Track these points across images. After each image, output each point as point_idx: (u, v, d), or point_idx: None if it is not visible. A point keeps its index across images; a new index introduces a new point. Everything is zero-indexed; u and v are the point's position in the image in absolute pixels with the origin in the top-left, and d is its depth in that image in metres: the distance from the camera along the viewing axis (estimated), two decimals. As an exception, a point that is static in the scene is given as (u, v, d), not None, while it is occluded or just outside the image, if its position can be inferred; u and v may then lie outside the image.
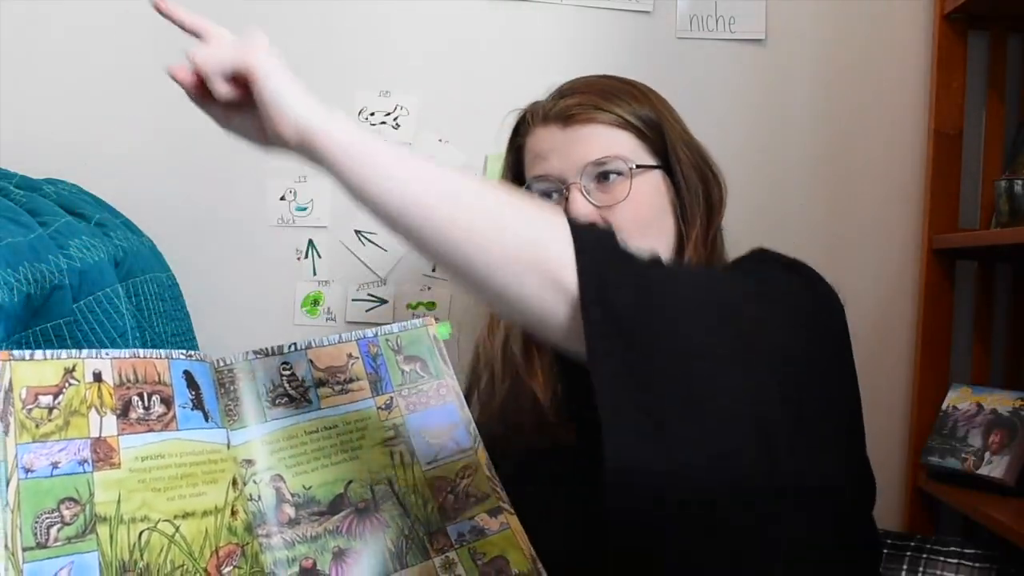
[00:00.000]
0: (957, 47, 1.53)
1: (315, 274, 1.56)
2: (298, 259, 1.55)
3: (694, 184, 1.04)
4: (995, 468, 1.34)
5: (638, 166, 1.01)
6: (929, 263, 1.54)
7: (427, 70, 1.54)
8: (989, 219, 1.52)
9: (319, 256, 1.55)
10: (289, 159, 0.84)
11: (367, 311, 1.56)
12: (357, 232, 1.55)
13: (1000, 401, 1.40)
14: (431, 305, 1.56)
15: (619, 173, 1.00)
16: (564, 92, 1.06)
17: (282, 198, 1.54)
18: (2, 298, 0.99)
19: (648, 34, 1.55)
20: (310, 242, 1.55)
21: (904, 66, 1.57)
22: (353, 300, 1.56)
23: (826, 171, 1.56)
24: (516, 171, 1.09)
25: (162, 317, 1.31)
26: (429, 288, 1.56)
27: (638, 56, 1.52)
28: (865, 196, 1.57)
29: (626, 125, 1.02)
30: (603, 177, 1.00)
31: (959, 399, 1.45)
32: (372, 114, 1.54)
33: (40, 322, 1.05)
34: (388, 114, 1.54)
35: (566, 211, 0.98)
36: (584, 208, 0.99)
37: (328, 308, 1.55)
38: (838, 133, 1.57)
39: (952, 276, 1.54)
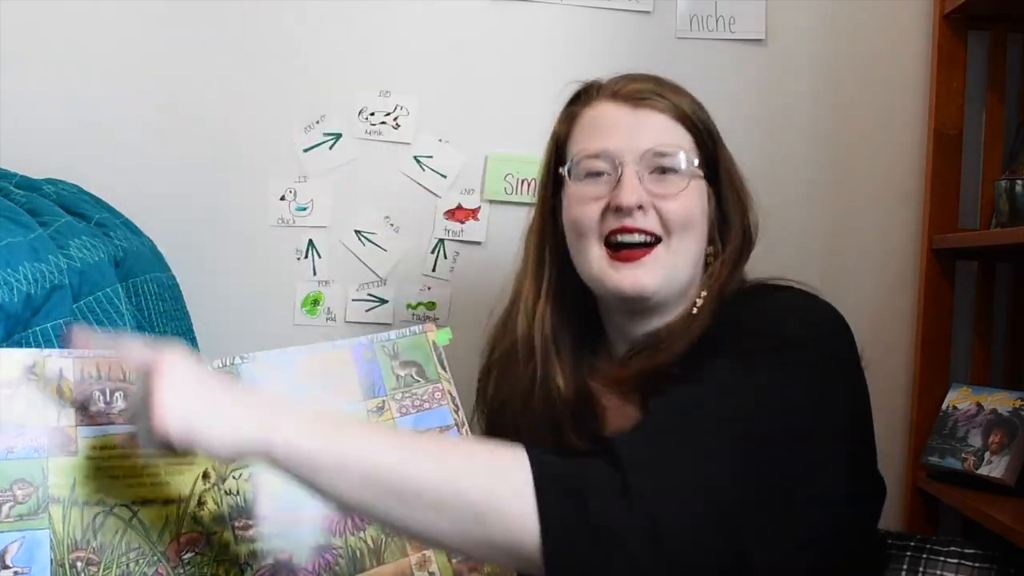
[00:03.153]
0: (957, 47, 1.53)
1: (315, 274, 1.56)
2: (298, 259, 1.55)
3: (734, 206, 1.03)
4: (995, 468, 1.34)
5: (696, 165, 1.00)
6: (929, 263, 1.54)
7: (427, 70, 1.55)
8: (989, 219, 1.52)
9: (319, 256, 1.55)
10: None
11: (367, 311, 1.56)
12: (357, 232, 1.55)
13: (1000, 401, 1.40)
14: (431, 305, 1.56)
15: (677, 169, 0.98)
16: (637, 77, 1.04)
17: (282, 198, 1.54)
18: (2, 298, 0.99)
19: (648, 34, 1.55)
20: (310, 242, 1.55)
21: (904, 66, 1.57)
22: (353, 300, 1.56)
23: (826, 171, 1.56)
24: (562, 140, 1.06)
25: (162, 317, 1.31)
26: (429, 288, 1.56)
27: (638, 56, 1.52)
28: (865, 196, 1.57)
29: (690, 125, 1.01)
30: (660, 169, 0.99)
31: (959, 399, 1.46)
32: (372, 114, 1.54)
33: (40, 322, 1.05)
34: (388, 114, 1.54)
35: (615, 194, 0.97)
36: (636, 191, 0.96)
37: (328, 308, 1.55)
38: (838, 133, 1.57)
39: (952, 276, 1.54)
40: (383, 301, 1.56)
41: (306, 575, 0.83)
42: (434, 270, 1.56)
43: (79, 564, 0.74)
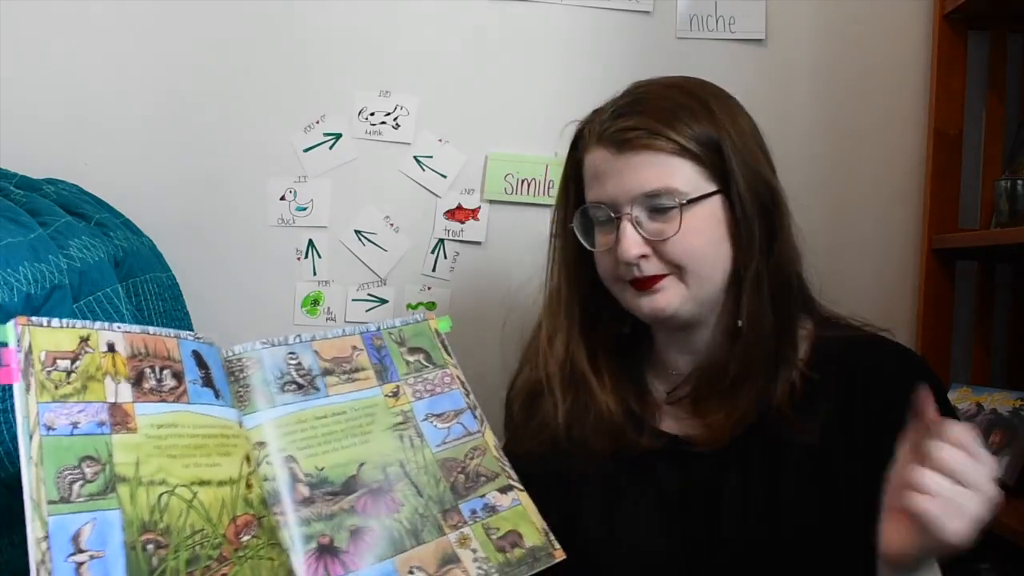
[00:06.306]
0: (957, 47, 1.53)
1: (315, 274, 1.56)
2: (298, 259, 1.55)
3: (751, 209, 0.97)
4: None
5: (689, 200, 0.95)
6: (929, 263, 1.54)
7: (427, 70, 1.55)
8: (989, 219, 1.52)
9: (319, 256, 1.55)
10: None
11: (367, 311, 1.56)
12: (357, 232, 1.55)
13: (1000, 401, 1.40)
14: (431, 305, 1.56)
15: (671, 207, 0.95)
16: (621, 110, 0.99)
17: (282, 198, 1.54)
18: (2, 298, 1.00)
19: (648, 34, 1.55)
20: (310, 242, 1.55)
21: (904, 66, 1.57)
22: (353, 300, 1.56)
23: (826, 171, 1.56)
24: (578, 185, 1.05)
25: (162, 317, 1.31)
26: (429, 288, 1.56)
27: (638, 56, 1.52)
28: (865, 196, 1.57)
29: (683, 152, 0.95)
30: (657, 208, 0.96)
31: (959, 399, 1.45)
32: (372, 114, 1.54)
33: (40, 322, 1.05)
34: (388, 114, 1.54)
35: (616, 248, 0.96)
36: (634, 242, 0.95)
37: (328, 308, 1.55)
38: (838, 133, 1.57)
39: (952, 276, 1.54)
40: (383, 301, 1.56)
41: (348, 558, 0.82)
42: (434, 270, 1.56)
43: (149, 547, 0.72)
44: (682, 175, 0.96)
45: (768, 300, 0.98)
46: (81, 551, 0.68)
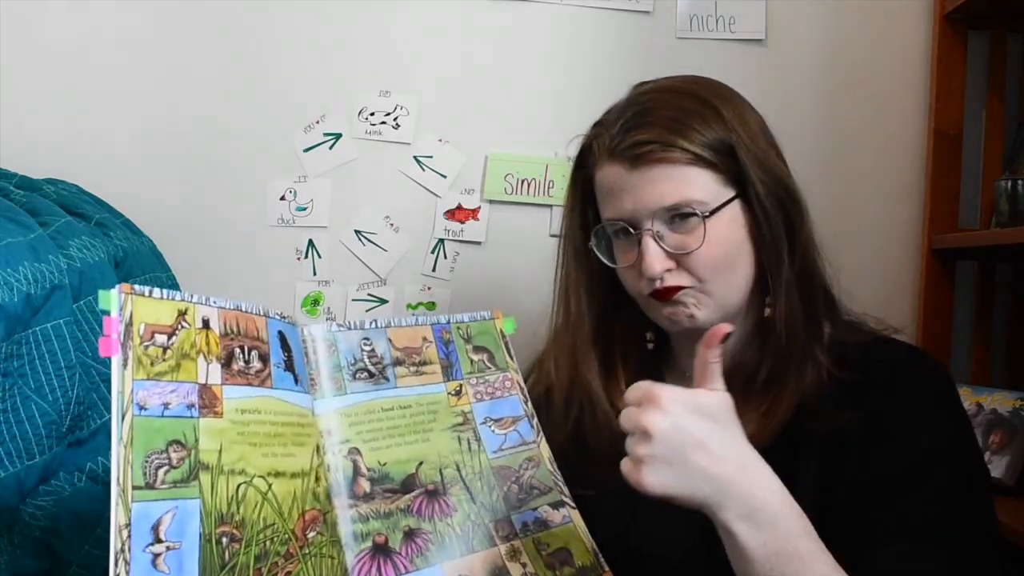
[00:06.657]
0: (957, 47, 1.54)
1: (315, 274, 1.56)
2: (298, 259, 1.55)
3: (771, 210, 0.95)
4: (995, 468, 1.34)
5: (712, 211, 0.93)
6: (929, 263, 1.54)
7: (427, 70, 1.55)
8: (989, 219, 1.52)
9: (319, 256, 1.55)
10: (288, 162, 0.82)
11: (367, 311, 1.56)
12: (357, 232, 1.55)
13: (1000, 401, 1.40)
14: (431, 305, 1.56)
15: (692, 216, 0.93)
16: (630, 123, 0.96)
17: (282, 198, 1.54)
18: (2, 298, 1.00)
19: (648, 34, 1.55)
20: (310, 242, 1.55)
21: (904, 66, 1.57)
22: (353, 300, 1.56)
23: (826, 171, 1.57)
24: (586, 202, 1.03)
25: (162, 317, 1.31)
26: (429, 288, 1.56)
27: (638, 56, 1.53)
28: (865, 196, 1.57)
29: (698, 161, 0.93)
30: (677, 218, 0.94)
31: (959, 399, 1.45)
32: (372, 114, 1.54)
33: (40, 322, 1.05)
34: (388, 114, 1.54)
35: (640, 264, 0.95)
36: (658, 257, 0.94)
37: (328, 308, 1.56)
38: (838, 133, 1.57)
39: (952, 276, 1.54)
40: (383, 301, 1.56)
41: (400, 560, 0.80)
42: (434, 270, 1.56)
43: (224, 540, 0.68)
44: (700, 185, 0.94)
45: (797, 296, 0.96)
46: (160, 541, 0.65)
